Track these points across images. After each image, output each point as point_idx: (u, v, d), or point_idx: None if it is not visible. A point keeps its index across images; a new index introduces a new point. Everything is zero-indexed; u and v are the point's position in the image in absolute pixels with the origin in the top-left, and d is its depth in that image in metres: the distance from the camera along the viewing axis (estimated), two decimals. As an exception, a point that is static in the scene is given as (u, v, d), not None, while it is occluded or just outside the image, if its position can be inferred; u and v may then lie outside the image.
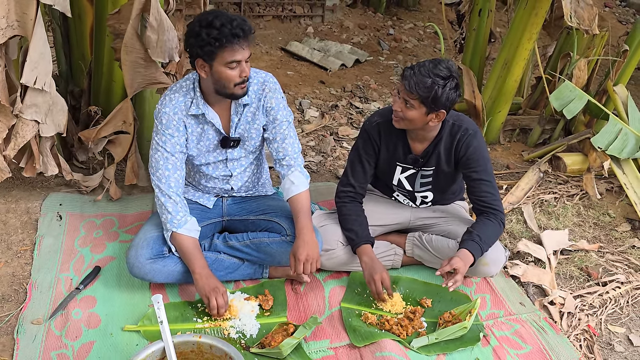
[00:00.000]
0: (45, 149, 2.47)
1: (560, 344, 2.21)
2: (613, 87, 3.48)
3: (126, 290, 2.26)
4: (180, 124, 2.15)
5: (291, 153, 2.28)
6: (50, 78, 2.27)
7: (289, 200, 2.27)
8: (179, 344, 1.83)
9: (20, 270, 2.31)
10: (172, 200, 2.14)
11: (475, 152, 2.27)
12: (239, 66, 2.01)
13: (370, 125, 2.34)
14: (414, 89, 2.09)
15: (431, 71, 2.08)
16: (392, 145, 2.34)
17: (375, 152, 2.38)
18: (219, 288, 2.11)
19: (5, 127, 2.28)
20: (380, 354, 2.04)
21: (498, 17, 5.25)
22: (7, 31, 2.10)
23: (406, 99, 2.13)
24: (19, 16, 2.10)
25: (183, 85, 2.16)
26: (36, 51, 2.15)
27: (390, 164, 2.40)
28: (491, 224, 2.28)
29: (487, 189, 2.29)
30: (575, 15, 2.99)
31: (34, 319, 2.08)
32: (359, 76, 4.56)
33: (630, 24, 6.47)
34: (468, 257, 2.19)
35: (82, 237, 2.51)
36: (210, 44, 1.95)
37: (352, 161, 2.42)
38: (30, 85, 2.19)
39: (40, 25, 2.14)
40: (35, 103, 2.27)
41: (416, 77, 2.08)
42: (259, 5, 5.18)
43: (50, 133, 2.41)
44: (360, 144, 2.39)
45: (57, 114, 2.39)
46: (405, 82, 2.11)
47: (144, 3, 2.23)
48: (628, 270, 2.70)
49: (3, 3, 2.04)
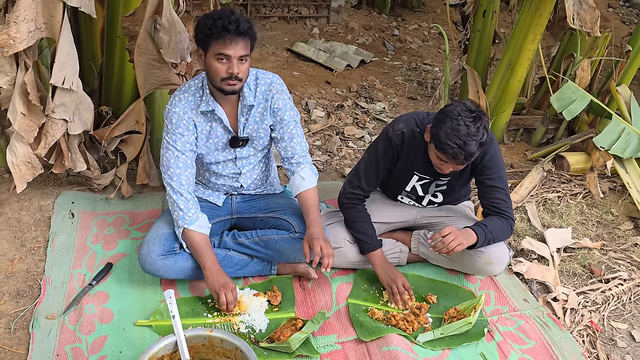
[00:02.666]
0: (74, 146, 2.55)
1: (563, 340, 2.25)
2: (616, 87, 3.51)
3: (138, 286, 2.31)
4: (189, 123, 2.20)
5: (299, 151, 2.33)
6: (77, 78, 2.34)
7: (298, 196, 2.31)
8: (190, 337, 1.87)
9: (34, 266, 2.36)
10: (183, 197, 2.19)
11: (491, 160, 2.27)
12: (228, 61, 2.04)
13: (395, 134, 2.29)
14: (470, 159, 2.08)
15: (472, 137, 2.03)
16: (413, 154, 2.31)
17: (395, 160, 2.36)
18: (229, 284, 2.15)
19: (35, 126, 2.35)
20: (386, 348, 2.09)
21: (502, 18, 5.29)
22: (36, 33, 2.17)
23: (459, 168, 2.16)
24: (46, 19, 2.17)
25: (192, 85, 2.21)
26: (63, 52, 2.21)
27: (407, 172, 2.40)
28: (500, 222, 2.30)
29: (499, 196, 2.30)
30: (577, 17, 3.03)
31: (49, 313, 2.13)
32: (364, 77, 4.60)
33: (634, 24, 6.49)
34: (470, 233, 2.21)
35: (94, 234, 2.56)
36: (203, 32, 2.02)
37: (366, 165, 2.38)
38: (59, 85, 2.26)
39: (66, 27, 2.20)
40: (64, 102, 2.34)
41: (465, 152, 2.04)
42: (265, 6, 5.23)
43: (78, 131, 2.48)
44: (380, 149, 2.34)
45: (84, 112, 2.46)
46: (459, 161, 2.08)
47: (156, 5, 2.28)
48: (630, 267, 2.73)
49: (31, 6, 2.10)
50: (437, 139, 2.08)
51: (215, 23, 1.99)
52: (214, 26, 1.99)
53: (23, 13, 2.09)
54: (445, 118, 2.07)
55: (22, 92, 2.26)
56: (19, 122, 2.29)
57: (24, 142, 2.36)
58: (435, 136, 2.10)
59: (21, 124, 2.30)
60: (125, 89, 2.76)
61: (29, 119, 2.31)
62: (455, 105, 2.09)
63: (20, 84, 2.24)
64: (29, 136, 2.33)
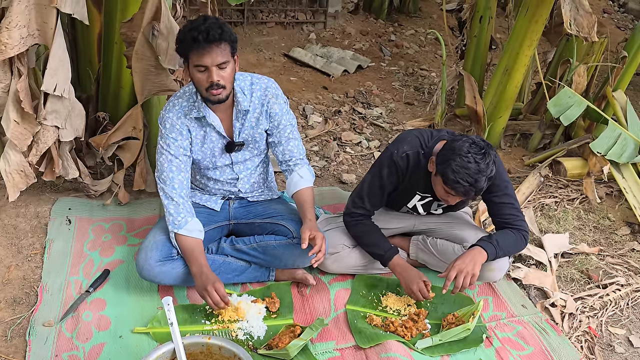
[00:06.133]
0: (65, 153, 2.53)
1: (561, 345, 2.25)
2: (612, 93, 3.52)
3: (135, 293, 2.30)
4: (183, 128, 2.20)
5: (297, 154, 2.33)
6: (69, 84, 2.33)
7: (294, 194, 2.32)
8: (188, 345, 1.86)
9: (31, 273, 2.35)
10: (174, 202, 2.19)
11: (496, 178, 2.22)
12: (207, 71, 2.03)
13: (399, 156, 2.26)
14: (479, 194, 2.08)
15: (482, 173, 2.02)
16: (416, 176, 2.29)
17: (399, 182, 2.34)
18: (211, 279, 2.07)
19: (29, 134, 2.33)
20: (385, 355, 2.08)
21: (498, 24, 5.30)
22: (28, 40, 2.16)
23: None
24: (39, 25, 2.16)
25: (186, 91, 2.22)
26: (55, 59, 2.20)
27: (410, 192, 2.38)
28: (512, 235, 2.27)
29: (509, 212, 2.28)
30: (574, 22, 3.04)
31: (45, 321, 2.12)
32: (361, 82, 4.60)
33: (629, 30, 6.52)
34: (478, 252, 2.19)
35: (91, 240, 2.55)
36: (179, 45, 2.03)
37: (370, 186, 2.35)
38: (50, 92, 2.25)
39: (59, 34, 2.19)
40: (56, 109, 2.32)
41: (476, 189, 2.03)
42: (262, 11, 5.23)
43: (69, 137, 2.47)
44: (385, 173, 2.30)
45: (75, 118, 2.45)
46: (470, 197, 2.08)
47: (154, 12, 2.28)
48: (628, 273, 2.74)
49: (24, 13, 2.09)
50: (445, 176, 2.05)
51: (186, 35, 1.99)
52: (185, 39, 2.00)
53: (15, 19, 2.08)
54: (454, 155, 2.03)
55: (15, 99, 2.24)
56: (11, 130, 2.27)
57: (17, 151, 2.34)
58: (443, 172, 2.06)
59: (14, 132, 2.28)
60: (123, 94, 2.76)
61: (22, 127, 2.29)
62: (464, 141, 2.06)
63: (13, 91, 2.23)
64: (22, 144, 2.31)
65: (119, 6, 2.52)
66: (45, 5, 2.11)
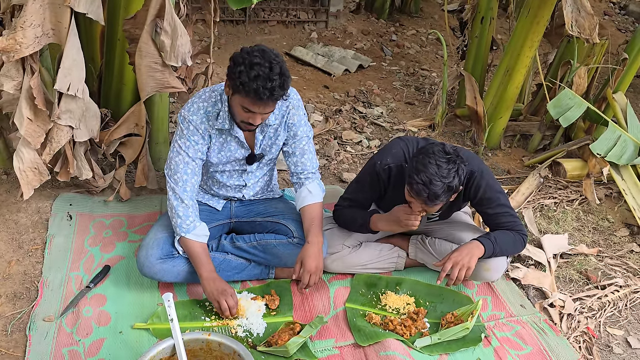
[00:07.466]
0: (80, 153, 2.54)
1: (560, 345, 2.26)
2: (612, 95, 3.53)
3: (135, 289, 2.31)
4: (205, 133, 2.18)
5: (309, 167, 2.34)
6: (84, 84, 2.31)
7: (302, 209, 2.32)
8: (188, 341, 1.87)
9: (32, 268, 2.36)
10: (184, 204, 2.18)
11: (486, 192, 2.24)
12: (251, 113, 2.02)
13: (382, 168, 2.26)
14: (435, 201, 2.04)
15: (440, 177, 1.99)
16: (401, 188, 2.21)
17: (382, 192, 2.35)
18: (227, 290, 2.15)
19: (42, 132, 2.32)
20: (384, 353, 2.09)
21: (500, 25, 5.32)
22: (43, 39, 2.16)
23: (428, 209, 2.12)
24: (53, 24, 2.16)
25: (212, 96, 2.18)
26: (69, 58, 2.20)
27: (397, 203, 2.35)
28: (511, 235, 2.29)
29: (506, 219, 2.30)
30: (576, 24, 3.05)
31: (46, 316, 2.13)
32: (362, 81, 4.61)
33: (630, 32, 6.53)
34: (475, 246, 2.21)
35: (91, 236, 2.56)
36: (236, 82, 1.95)
37: (355, 191, 2.39)
38: (63, 91, 2.24)
39: (73, 33, 2.19)
40: (70, 109, 2.32)
41: (429, 190, 2.00)
42: (264, 10, 5.24)
43: (84, 138, 2.47)
44: (367, 181, 2.33)
45: (90, 119, 2.44)
46: (422, 199, 2.04)
47: (158, 9, 2.28)
48: (626, 274, 2.75)
49: (39, 12, 2.09)
50: (408, 173, 2.07)
51: (249, 84, 1.91)
52: (248, 86, 1.91)
53: (30, 18, 2.08)
54: (420, 154, 2.06)
55: (28, 96, 2.24)
56: (25, 127, 2.27)
57: (31, 148, 2.33)
58: (407, 170, 2.09)
59: (28, 129, 2.28)
60: (125, 91, 2.76)
61: (36, 125, 2.29)
62: (436, 145, 2.07)
63: (26, 89, 2.22)
64: (35, 142, 2.31)
65: (123, 3, 2.52)
66: (60, 4, 2.11)
